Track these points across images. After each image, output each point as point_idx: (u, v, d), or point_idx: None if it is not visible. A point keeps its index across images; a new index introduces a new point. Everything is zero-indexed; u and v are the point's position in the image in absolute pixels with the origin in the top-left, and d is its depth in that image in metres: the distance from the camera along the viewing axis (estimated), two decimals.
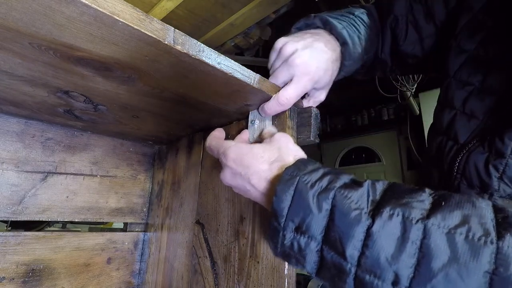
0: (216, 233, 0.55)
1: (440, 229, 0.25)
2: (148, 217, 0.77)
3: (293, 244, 0.31)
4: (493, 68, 0.45)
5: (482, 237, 0.24)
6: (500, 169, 0.40)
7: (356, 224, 0.27)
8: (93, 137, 0.70)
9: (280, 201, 0.31)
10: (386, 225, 0.26)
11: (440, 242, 0.24)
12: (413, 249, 0.25)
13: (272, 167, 0.36)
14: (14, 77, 0.41)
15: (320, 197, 0.30)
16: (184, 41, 0.33)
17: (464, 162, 0.44)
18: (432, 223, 0.25)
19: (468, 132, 0.45)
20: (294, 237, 0.31)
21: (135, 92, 0.45)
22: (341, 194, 0.29)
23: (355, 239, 0.27)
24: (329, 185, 0.30)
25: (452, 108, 0.48)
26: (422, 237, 0.25)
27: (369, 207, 0.28)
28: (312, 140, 0.47)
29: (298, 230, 0.31)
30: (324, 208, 0.29)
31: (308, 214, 0.30)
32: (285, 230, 0.31)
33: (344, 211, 0.28)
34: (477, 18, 0.49)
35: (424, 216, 0.26)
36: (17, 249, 0.57)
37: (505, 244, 0.23)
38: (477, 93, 0.46)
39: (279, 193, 0.32)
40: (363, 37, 0.54)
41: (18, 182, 0.59)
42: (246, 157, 0.38)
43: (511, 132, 0.39)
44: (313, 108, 0.49)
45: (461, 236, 0.24)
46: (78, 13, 0.27)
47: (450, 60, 0.50)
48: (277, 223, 0.32)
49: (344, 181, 0.31)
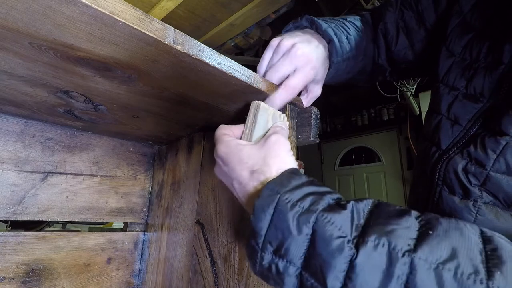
0: (216, 233, 0.55)
1: (427, 264, 0.24)
2: (148, 217, 0.77)
3: (271, 267, 0.29)
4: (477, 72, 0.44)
5: (471, 275, 0.23)
6: (480, 179, 0.39)
7: (339, 253, 0.26)
8: (93, 137, 0.70)
9: (258, 220, 0.30)
10: (371, 257, 0.25)
11: (427, 279, 0.23)
12: (399, 285, 0.24)
13: (253, 177, 0.34)
14: (14, 77, 0.41)
15: (301, 220, 0.28)
16: (184, 41, 0.33)
17: (444, 169, 0.43)
18: (419, 257, 0.24)
19: (450, 138, 0.44)
20: (272, 259, 0.29)
21: (135, 92, 0.45)
22: (323, 218, 0.27)
23: (337, 270, 0.26)
24: (311, 206, 0.29)
25: (438, 113, 0.48)
26: (408, 272, 0.24)
27: (353, 233, 0.27)
28: (312, 140, 0.47)
29: (277, 252, 0.29)
30: (304, 232, 0.28)
31: (287, 237, 0.28)
32: (263, 251, 0.30)
33: (326, 238, 0.27)
34: (465, 20, 0.49)
35: (411, 247, 0.25)
36: (17, 249, 0.57)
37: (495, 284, 0.22)
38: (462, 98, 0.45)
39: (257, 211, 0.30)
40: (353, 38, 0.55)
41: (18, 182, 0.59)
42: (232, 159, 0.37)
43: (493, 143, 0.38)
44: (313, 108, 0.49)
45: (449, 272, 0.23)
46: (78, 13, 0.27)
47: (440, 64, 0.50)
48: (254, 242, 0.30)
49: (327, 202, 0.29)
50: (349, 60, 0.55)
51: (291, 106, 0.49)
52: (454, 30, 0.50)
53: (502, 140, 0.37)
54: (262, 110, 0.41)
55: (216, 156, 0.39)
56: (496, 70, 0.42)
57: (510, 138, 0.36)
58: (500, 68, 0.42)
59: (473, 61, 0.45)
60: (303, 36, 0.49)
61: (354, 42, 0.55)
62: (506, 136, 0.37)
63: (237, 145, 0.38)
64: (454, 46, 0.49)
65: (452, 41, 0.49)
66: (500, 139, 0.37)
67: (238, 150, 0.37)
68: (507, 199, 0.37)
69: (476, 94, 0.44)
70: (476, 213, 0.39)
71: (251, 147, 0.37)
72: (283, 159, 0.35)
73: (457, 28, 0.50)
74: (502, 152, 0.37)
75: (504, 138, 0.37)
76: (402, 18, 0.59)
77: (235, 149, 0.37)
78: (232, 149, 0.37)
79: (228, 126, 0.42)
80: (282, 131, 0.40)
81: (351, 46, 0.54)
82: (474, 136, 0.42)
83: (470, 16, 0.48)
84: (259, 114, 0.41)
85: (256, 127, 0.41)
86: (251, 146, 0.38)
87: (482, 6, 0.47)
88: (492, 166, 0.38)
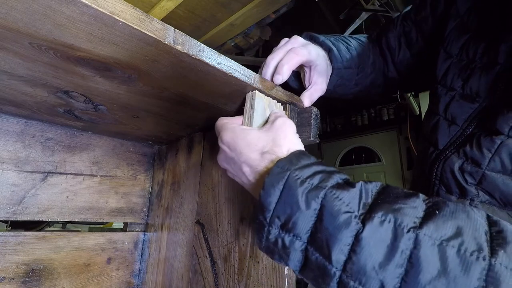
0: (216, 233, 0.55)
1: (431, 240, 0.24)
2: (148, 217, 0.77)
3: (277, 241, 0.30)
4: (473, 73, 0.45)
5: (475, 252, 0.23)
6: (476, 178, 0.39)
7: (345, 227, 0.26)
8: (93, 137, 0.70)
9: (268, 195, 0.30)
10: (377, 231, 0.25)
11: (431, 254, 0.24)
12: (402, 259, 0.24)
13: (264, 157, 0.35)
14: (14, 77, 0.41)
15: (310, 195, 0.29)
16: (184, 41, 0.33)
17: (441, 169, 0.44)
18: (424, 233, 0.24)
19: (447, 138, 0.45)
20: (279, 233, 0.30)
21: (135, 92, 0.45)
22: (332, 194, 0.28)
23: (343, 243, 0.26)
24: (320, 183, 0.29)
25: (436, 114, 0.48)
26: (413, 247, 0.24)
27: (360, 210, 0.27)
28: (312, 140, 0.47)
29: (284, 227, 0.30)
30: (312, 207, 0.28)
31: (296, 211, 0.29)
32: (270, 226, 0.30)
33: (333, 213, 0.27)
34: (462, 21, 0.49)
35: (416, 224, 0.25)
36: (17, 249, 0.57)
37: (498, 261, 0.22)
38: (458, 98, 0.45)
39: (267, 187, 0.30)
40: (354, 49, 0.57)
41: (18, 182, 0.59)
42: (240, 143, 0.37)
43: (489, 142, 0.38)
44: (313, 108, 0.49)
45: (453, 249, 0.23)
46: (78, 13, 0.27)
47: (438, 66, 0.51)
48: (262, 217, 0.31)
49: (336, 181, 0.30)
50: (352, 69, 0.56)
51: (291, 106, 0.49)
52: (451, 32, 0.51)
53: (497, 139, 0.37)
54: (258, 97, 0.43)
55: (221, 143, 0.39)
56: (492, 70, 0.42)
57: (505, 137, 0.37)
58: (496, 68, 0.42)
59: (470, 62, 0.46)
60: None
61: (355, 52, 0.57)
62: (501, 135, 0.37)
63: (243, 130, 0.38)
64: (452, 48, 0.49)
65: (450, 43, 0.50)
66: (495, 138, 0.37)
67: (245, 134, 0.37)
68: (503, 198, 0.37)
69: (472, 94, 0.44)
70: None
71: (258, 131, 0.38)
72: (292, 140, 0.37)
73: (455, 30, 0.50)
74: (497, 151, 0.37)
75: (499, 137, 0.37)
76: (403, 32, 0.63)
77: (241, 133, 0.38)
78: (238, 133, 0.38)
79: (227, 117, 0.43)
80: (284, 116, 0.41)
81: (351, 55, 0.56)
82: (470, 135, 0.42)
83: (467, 17, 0.49)
84: (256, 101, 0.42)
85: (254, 114, 0.42)
86: (257, 130, 0.38)
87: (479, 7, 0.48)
88: (488, 165, 0.38)
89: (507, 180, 0.37)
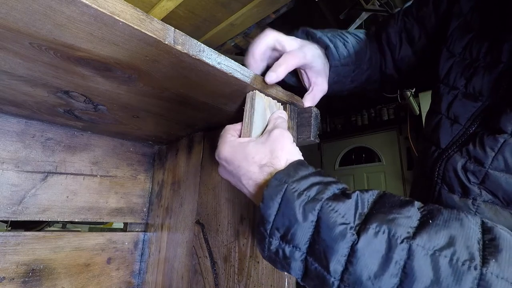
0: (216, 233, 0.55)
1: (424, 251, 0.25)
2: (148, 217, 0.77)
3: (278, 251, 0.31)
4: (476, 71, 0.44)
5: (467, 261, 0.24)
6: (479, 177, 0.39)
7: (341, 239, 0.27)
8: (93, 137, 0.70)
9: (267, 207, 0.31)
10: (371, 243, 0.26)
11: (424, 264, 0.24)
12: (396, 269, 0.25)
13: (262, 170, 0.35)
14: (14, 77, 0.41)
15: (307, 208, 0.29)
16: (184, 41, 0.33)
17: (443, 168, 0.44)
18: (417, 244, 0.25)
19: (450, 137, 0.45)
20: (279, 244, 0.31)
21: (135, 92, 0.45)
22: (328, 206, 0.29)
23: (339, 254, 0.27)
24: (316, 195, 0.30)
25: (438, 113, 0.48)
26: (406, 258, 0.25)
27: (356, 221, 0.28)
28: (312, 140, 0.47)
29: (284, 238, 0.31)
30: (309, 219, 0.29)
31: (294, 223, 0.30)
32: (271, 237, 0.31)
33: (329, 225, 0.28)
34: (466, 20, 0.49)
35: (410, 235, 0.26)
36: (17, 249, 0.57)
37: (489, 271, 0.23)
38: (461, 97, 0.45)
39: (266, 199, 0.31)
40: (351, 45, 0.57)
41: (18, 182, 0.59)
42: (237, 156, 0.37)
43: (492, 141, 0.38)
44: (313, 108, 0.49)
45: (445, 259, 0.24)
46: (78, 13, 0.27)
47: (440, 65, 0.51)
48: (263, 229, 0.32)
49: (333, 192, 0.31)
50: (349, 66, 0.56)
51: (291, 106, 0.49)
52: (454, 31, 0.51)
53: (500, 138, 0.37)
54: (258, 97, 0.43)
55: (218, 158, 0.40)
56: (495, 69, 0.42)
57: (508, 136, 0.37)
58: (499, 67, 0.42)
59: (473, 61, 0.46)
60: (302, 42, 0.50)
61: (352, 49, 0.56)
62: (504, 134, 0.37)
63: (240, 143, 0.38)
64: (455, 47, 0.49)
65: (453, 42, 0.50)
66: (498, 137, 0.37)
67: (242, 148, 0.38)
68: (506, 197, 0.37)
69: (475, 93, 0.44)
70: (475, 211, 0.39)
71: (255, 143, 0.38)
72: (289, 150, 0.37)
73: (458, 29, 0.50)
74: (501, 150, 0.37)
75: (502, 136, 0.37)
76: (405, 27, 0.61)
77: (238, 147, 0.38)
78: (236, 148, 0.38)
79: (233, 126, 0.43)
80: (282, 123, 0.41)
81: (348, 52, 0.55)
82: (473, 134, 0.42)
83: (470, 16, 0.49)
84: (256, 101, 0.42)
85: (254, 114, 0.42)
86: (254, 142, 0.38)
87: (482, 5, 0.48)
88: (491, 164, 0.38)
89: (510, 179, 0.37)
